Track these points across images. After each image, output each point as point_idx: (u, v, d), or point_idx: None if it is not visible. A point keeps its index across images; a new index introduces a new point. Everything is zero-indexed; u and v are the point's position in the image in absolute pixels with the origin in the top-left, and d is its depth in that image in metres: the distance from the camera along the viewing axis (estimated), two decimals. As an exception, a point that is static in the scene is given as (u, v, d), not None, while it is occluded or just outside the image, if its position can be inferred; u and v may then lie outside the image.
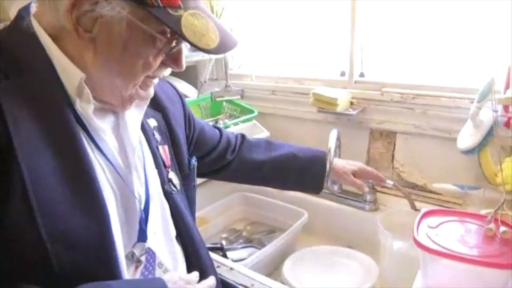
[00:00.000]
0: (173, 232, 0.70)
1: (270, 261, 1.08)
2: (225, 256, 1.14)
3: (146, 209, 0.65)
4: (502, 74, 0.91)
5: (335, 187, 1.21)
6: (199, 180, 1.32)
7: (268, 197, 1.30)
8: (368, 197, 1.14)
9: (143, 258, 0.63)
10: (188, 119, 0.84)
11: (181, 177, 0.75)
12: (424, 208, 0.76)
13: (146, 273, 0.63)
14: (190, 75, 1.52)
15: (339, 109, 1.16)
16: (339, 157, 1.17)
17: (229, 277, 0.82)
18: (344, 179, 0.94)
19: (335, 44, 1.27)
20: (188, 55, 1.31)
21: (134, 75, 0.58)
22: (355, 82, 1.22)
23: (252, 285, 0.79)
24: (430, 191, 1.14)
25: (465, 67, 1.06)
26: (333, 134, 1.00)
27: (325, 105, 1.18)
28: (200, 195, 1.32)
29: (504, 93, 0.89)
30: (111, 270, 0.55)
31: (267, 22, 1.44)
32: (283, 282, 0.98)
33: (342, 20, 1.22)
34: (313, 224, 1.22)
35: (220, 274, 0.82)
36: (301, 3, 1.33)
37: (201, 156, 0.89)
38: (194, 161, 0.81)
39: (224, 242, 1.21)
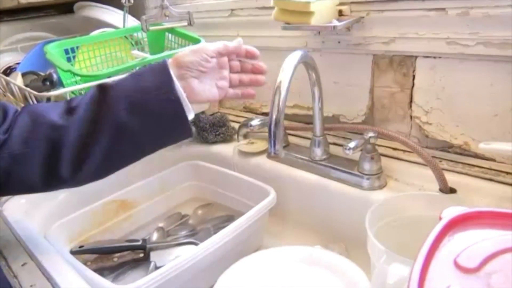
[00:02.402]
0: None
1: (210, 269, 0.67)
2: (147, 257, 0.76)
3: None
4: None
5: (318, 151, 0.78)
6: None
7: (227, 168, 0.89)
8: (368, 167, 0.69)
9: None
10: None
11: None
12: (450, 207, 0.31)
13: None
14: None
15: (316, 20, 0.69)
16: (321, 102, 0.72)
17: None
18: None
19: None
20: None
21: None
22: (346, -23, 0.73)
23: None
24: (476, 156, 0.67)
25: None
26: (292, 59, 0.56)
27: (294, 17, 0.71)
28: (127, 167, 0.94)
29: None
30: None
31: None
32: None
33: None
34: (286, 208, 0.80)
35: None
36: None
37: None
38: None
39: (155, 236, 0.82)
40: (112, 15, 1.09)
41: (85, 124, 0.51)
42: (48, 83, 0.70)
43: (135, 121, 0.52)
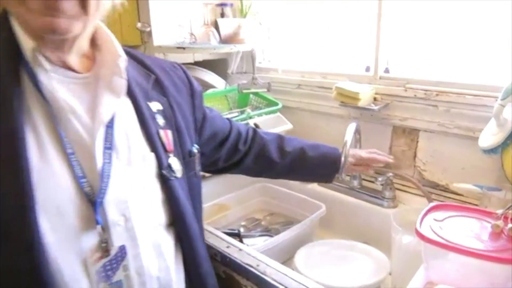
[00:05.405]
0: (162, 220, 0.67)
1: (283, 249, 1.09)
2: (241, 241, 1.17)
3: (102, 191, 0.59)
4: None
5: (355, 182, 1.22)
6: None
7: (288, 189, 1.32)
8: (387, 194, 1.13)
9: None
10: (197, 108, 0.81)
11: (183, 164, 0.71)
12: (432, 203, 0.76)
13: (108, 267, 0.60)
14: (220, 67, 1.57)
15: (361, 103, 1.15)
16: (359, 152, 1.17)
17: (237, 256, 0.85)
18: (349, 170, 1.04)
19: (361, 39, 1.27)
20: (216, 47, 1.36)
21: None
22: (379, 77, 1.21)
23: (258, 265, 0.82)
24: (452, 192, 1.11)
25: (490, 64, 1.03)
26: (351, 128, 1.01)
27: (347, 99, 1.18)
28: (223, 183, 1.38)
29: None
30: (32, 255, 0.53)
31: (295, 17, 1.46)
32: (293, 269, 1.00)
33: (369, 16, 1.21)
34: (331, 218, 1.23)
35: (228, 254, 0.86)
36: (331, -1, 1.34)
37: (214, 147, 0.91)
38: (195, 149, 0.77)
39: (242, 229, 1.24)
40: (209, 77, 1.56)
41: (287, 169, 0.99)
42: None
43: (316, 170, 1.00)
